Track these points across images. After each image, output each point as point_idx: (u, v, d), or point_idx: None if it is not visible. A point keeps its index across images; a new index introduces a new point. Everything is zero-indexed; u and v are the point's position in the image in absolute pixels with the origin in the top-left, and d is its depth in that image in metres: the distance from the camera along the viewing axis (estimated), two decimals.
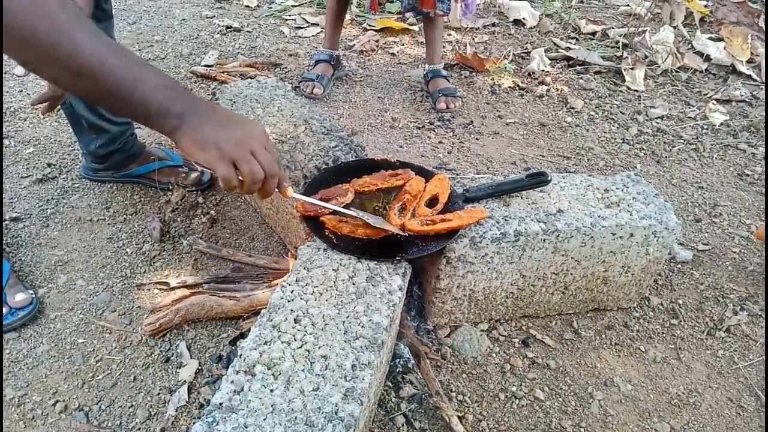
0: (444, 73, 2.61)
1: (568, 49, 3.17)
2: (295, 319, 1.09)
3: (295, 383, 0.97)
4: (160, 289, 1.56)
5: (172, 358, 1.40)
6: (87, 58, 0.83)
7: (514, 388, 1.39)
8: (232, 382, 0.97)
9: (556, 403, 1.37)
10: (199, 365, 1.38)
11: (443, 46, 2.97)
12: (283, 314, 1.09)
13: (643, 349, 1.52)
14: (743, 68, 3.04)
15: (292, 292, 1.15)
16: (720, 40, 3.25)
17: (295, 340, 1.05)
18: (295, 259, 1.25)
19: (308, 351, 1.03)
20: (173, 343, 1.43)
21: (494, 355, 1.46)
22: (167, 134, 0.97)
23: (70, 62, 0.82)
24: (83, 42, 0.83)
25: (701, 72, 3.05)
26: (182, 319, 1.43)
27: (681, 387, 1.44)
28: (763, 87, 2.92)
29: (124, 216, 1.78)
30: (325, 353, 1.03)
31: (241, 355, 1.02)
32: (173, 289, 1.53)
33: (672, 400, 1.40)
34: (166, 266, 1.63)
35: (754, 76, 3.00)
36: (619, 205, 1.48)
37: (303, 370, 1.00)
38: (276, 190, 1.09)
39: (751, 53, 3.14)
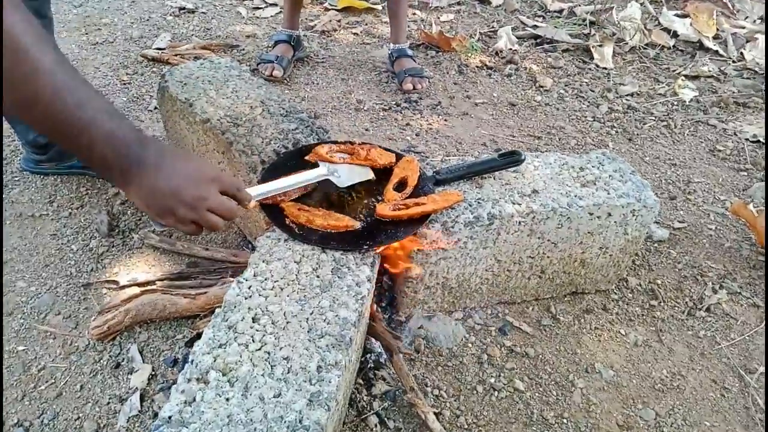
0: (410, 52, 2.51)
1: (535, 27, 3.10)
2: (253, 318, 0.99)
3: (254, 390, 0.88)
4: (108, 289, 1.44)
5: (122, 363, 1.28)
6: (43, 90, 0.77)
7: (492, 380, 1.31)
8: (182, 391, 0.87)
9: (536, 394, 1.30)
10: (153, 370, 1.27)
11: (408, 26, 2.87)
12: (240, 313, 0.99)
13: (624, 333, 1.46)
14: (710, 44, 3.01)
15: (249, 288, 1.04)
16: (686, 16, 3.22)
17: (253, 341, 0.95)
18: (253, 251, 1.15)
19: (268, 353, 0.93)
20: (124, 347, 1.31)
21: (470, 345, 1.39)
22: (116, 186, 0.93)
23: (25, 89, 0.76)
24: (43, 70, 0.77)
25: (669, 48, 3.01)
26: (133, 321, 1.32)
27: (664, 371, 1.38)
28: (731, 62, 2.90)
29: (69, 210, 1.65)
30: (287, 354, 0.93)
31: (192, 360, 0.92)
32: (123, 287, 1.41)
33: (655, 385, 1.35)
34: (115, 263, 1.51)
35: (721, 52, 2.97)
36: (595, 184, 1.41)
37: (262, 375, 0.90)
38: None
39: (717, 29, 3.12)
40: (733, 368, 1.40)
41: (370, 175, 1.30)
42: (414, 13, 3.16)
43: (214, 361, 0.92)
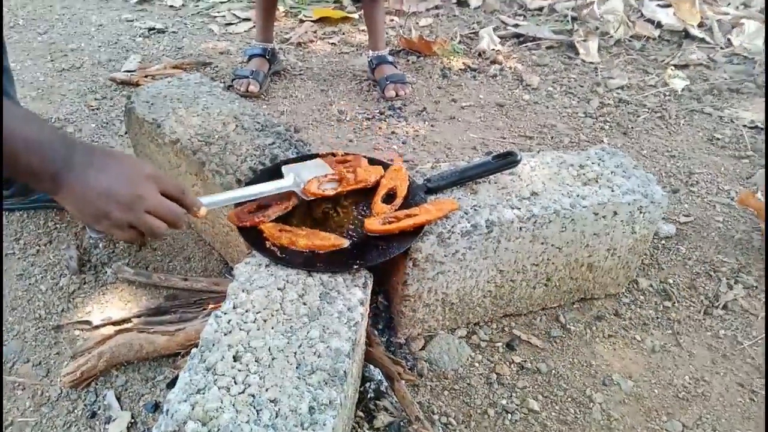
0: (390, 59, 2.42)
1: (516, 26, 3.03)
2: (234, 357, 0.88)
3: None
4: (81, 330, 1.32)
5: (98, 412, 1.17)
6: None
7: (504, 401, 1.20)
8: None
9: (553, 413, 1.19)
10: (132, 417, 1.15)
11: (386, 32, 2.79)
12: (219, 352, 0.88)
13: (639, 339, 1.36)
14: (696, 32, 2.96)
15: (229, 322, 0.93)
16: (668, 6, 3.16)
17: (235, 383, 0.84)
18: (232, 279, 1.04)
19: (253, 396, 0.82)
20: (100, 394, 1.19)
21: (477, 364, 1.28)
22: (49, 194, 0.89)
23: None
24: None
25: (654, 39, 2.95)
26: (108, 364, 1.20)
27: (686, 377, 1.28)
28: (719, 49, 2.84)
29: (37, 247, 1.53)
30: (274, 396, 0.82)
31: (167, 410, 0.81)
32: (97, 328, 1.30)
33: (679, 394, 1.25)
34: (88, 301, 1.39)
35: (708, 39, 2.91)
36: (597, 181, 1.32)
37: (247, 422, 0.79)
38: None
39: (701, 17, 3.06)
40: (759, 368, 1.31)
41: (327, 169, 1.21)
42: (392, 20, 3.08)
43: (192, 409, 0.80)
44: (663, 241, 1.65)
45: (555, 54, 2.80)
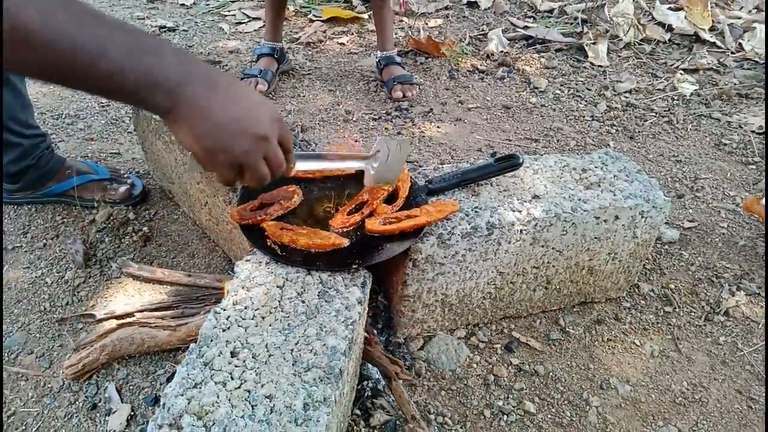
0: (398, 59, 2.43)
1: (526, 27, 3.03)
2: (231, 353, 0.89)
3: None
4: (85, 323, 1.34)
5: (99, 404, 1.18)
6: (29, 17, 0.62)
7: (500, 402, 1.21)
8: None
9: (549, 416, 1.20)
10: (132, 410, 1.17)
11: (395, 33, 2.80)
12: (217, 347, 0.89)
13: (639, 343, 1.36)
14: (707, 36, 2.93)
15: (227, 318, 0.95)
16: (680, 9, 3.14)
17: (231, 378, 0.85)
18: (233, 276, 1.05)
19: (248, 391, 0.83)
20: (101, 386, 1.21)
21: (475, 365, 1.29)
22: (158, 115, 0.76)
23: (10, 25, 0.61)
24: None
25: (665, 43, 2.93)
26: (110, 357, 1.22)
27: (684, 383, 1.28)
28: (730, 54, 2.82)
29: (44, 241, 1.55)
30: (269, 392, 0.83)
31: (164, 404, 0.82)
32: (100, 321, 1.32)
33: (676, 399, 1.25)
34: (92, 295, 1.41)
35: (719, 44, 2.89)
36: (600, 186, 1.32)
37: (242, 417, 0.80)
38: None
39: (713, 20, 3.04)
40: (759, 376, 1.30)
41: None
42: (401, 20, 3.08)
43: (189, 403, 0.82)
44: (666, 246, 1.64)
45: (564, 56, 2.79)
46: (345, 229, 1.12)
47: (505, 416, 1.19)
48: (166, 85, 0.73)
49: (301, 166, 1.00)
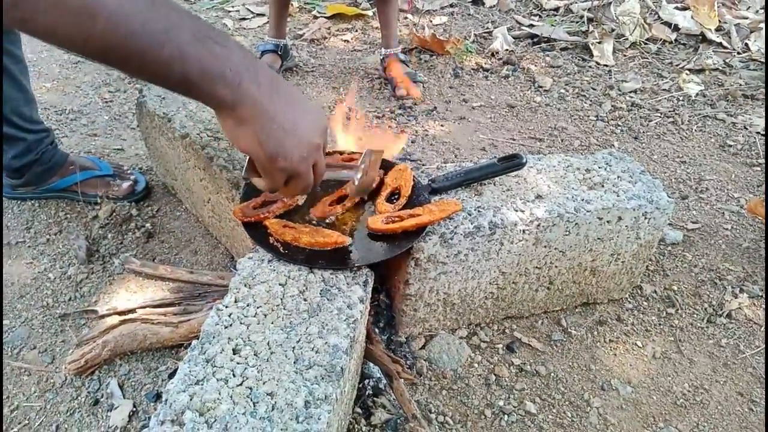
0: (402, 57, 2.42)
1: (531, 26, 3.02)
2: (233, 350, 0.89)
3: (234, 431, 0.78)
4: (87, 319, 1.34)
5: (101, 399, 1.19)
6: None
7: (501, 403, 1.21)
8: None
9: (550, 416, 1.20)
10: (134, 406, 1.17)
11: (400, 30, 2.79)
12: (219, 344, 0.90)
13: (641, 345, 1.36)
14: (713, 36, 2.92)
15: (230, 315, 0.95)
16: (686, 9, 3.13)
17: (233, 375, 0.85)
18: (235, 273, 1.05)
19: (250, 389, 0.83)
20: (103, 382, 1.22)
21: (476, 365, 1.29)
22: (215, 109, 0.75)
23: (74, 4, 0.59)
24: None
25: (671, 42, 2.92)
26: (112, 353, 1.23)
27: (685, 384, 1.28)
28: (736, 54, 2.81)
29: (47, 236, 1.56)
30: (271, 390, 0.83)
31: (166, 400, 0.82)
32: (102, 317, 1.32)
33: (677, 401, 1.25)
34: (94, 291, 1.42)
35: (725, 44, 2.88)
36: (603, 186, 1.32)
37: (244, 414, 0.80)
38: None
39: (719, 21, 3.03)
40: (760, 378, 1.30)
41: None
42: (405, 17, 3.08)
43: (190, 399, 0.82)
44: (669, 248, 1.64)
45: (569, 56, 2.78)
46: (324, 220, 1.12)
47: (506, 416, 1.19)
48: (230, 77, 0.71)
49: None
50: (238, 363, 0.87)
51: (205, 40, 0.69)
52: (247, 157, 0.84)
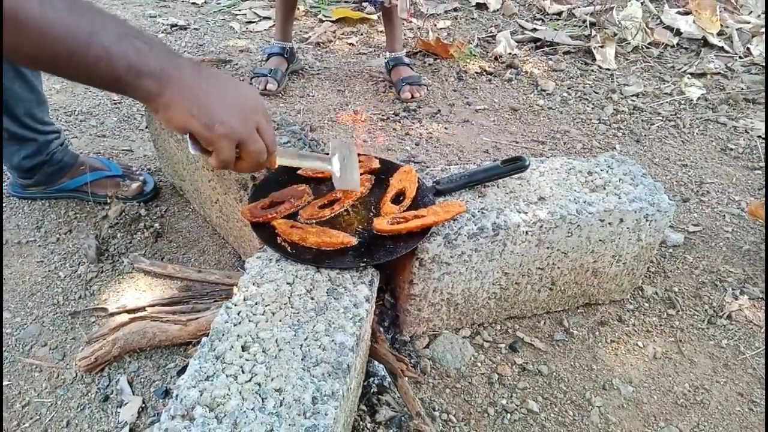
0: (407, 60, 2.45)
1: (534, 30, 3.04)
2: (242, 347, 0.91)
3: (244, 426, 0.80)
4: (97, 317, 1.37)
5: (111, 396, 1.21)
6: (26, 5, 0.65)
7: (504, 401, 1.23)
8: (165, 430, 0.80)
9: (552, 415, 1.22)
10: (143, 402, 1.20)
11: (404, 34, 2.82)
12: (228, 341, 0.92)
13: (642, 345, 1.38)
14: (715, 40, 2.94)
15: (239, 313, 0.97)
16: (688, 13, 3.15)
17: (242, 372, 0.87)
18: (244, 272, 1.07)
19: (259, 385, 0.86)
20: (113, 379, 1.24)
21: (479, 364, 1.31)
22: (142, 101, 0.80)
23: (6, 13, 0.65)
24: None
25: (672, 47, 2.94)
26: (122, 350, 1.25)
27: (686, 384, 1.30)
28: (738, 58, 2.82)
29: (57, 236, 1.58)
30: (279, 386, 0.86)
31: (177, 395, 0.85)
32: (112, 315, 1.34)
33: (678, 400, 1.26)
34: (104, 289, 1.44)
35: (727, 48, 2.90)
36: (605, 189, 1.34)
37: (253, 409, 0.82)
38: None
39: (721, 25, 3.05)
40: (760, 379, 1.32)
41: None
42: (409, 21, 3.10)
43: (201, 395, 0.84)
44: (671, 250, 1.66)
45: (572, 59, 2.81)
46: (313, 221, 1.14)
47: (509, 415, 1.21)
48: (154, 69, 0.77)
49: (282, 158, 1.04)
50: (246, 360, 0.89)
51: (127, 38, 0.74)
52: (187, 135, 0.86)
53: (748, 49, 2.89)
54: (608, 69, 2.72)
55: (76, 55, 0.71)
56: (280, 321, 0.96)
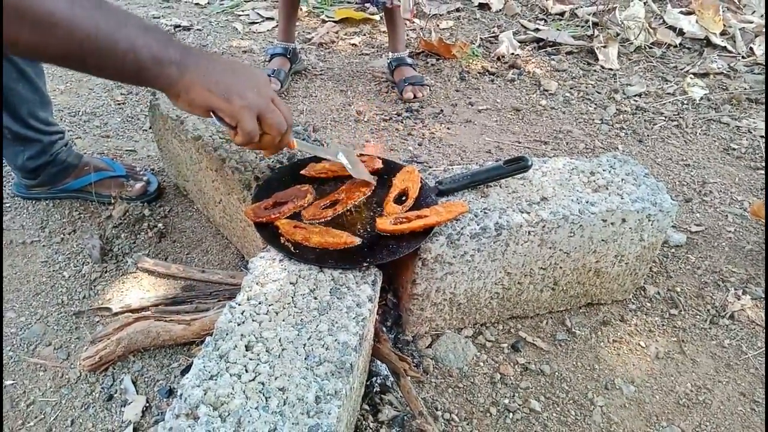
0: (409, 61, 2.45)
1: (537, 30, 3.04)
2: (246, 346, 0.92)
3: (248, 425, 0.81)
4: (101, 316, 1.38)
5: (115, 395, 1.22)
6: (57, 5, 0.70)
7: (506, 401, 1.23)
8: (170, 429, 0.80)
9: (554, 414, 1.22)
10: (147, 402, 1.20)
11: (407, 34, 2.82)
12: (232, 341, 0.92)
13: (644, 345, 1.38)
14: (717, 40, 2.94)
15: (242, 313, 0.98)
16: (691, 13, 3.15)
17: (246, 371, 0.88)
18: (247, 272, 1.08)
19: (262, 384, 0.86)
20: (117, 378, 1.25)
21: (482, 364, 1.31)
22: (164, 88, 0.87)
23: (38, 13, 0.69)
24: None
25: (675, 47, 2.94)
26: (126, 350, 1.25)
27: (688, 384, 1.30)
28: (741, 58, 2.82)
29: (61, 236, 1.59)
30: (282, 385, 0.86)
31: (181, 394, 0.85)
32: (116, 314, 1.35)
33: (680, 400, 1.27)
34: (108, 289, 1.45)
35: (729, 48, 2.90)
36: (607, 189, 1.34)
37: (256, 408, 0.83)
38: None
39: (724, 25, 3.05)
40: (762, 379, 1.32)
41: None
42: (413, 22, 3.11)
43: (205, 394, 0.85)
44: (673, 250, 1.66)
45: (574, 59, 2.81)
46: (316, 221, 1.15)
47: (511, 414, 1.21)
48: (174, 58, 0.84)
49: (300, 145, 1.12)
50: (250, 359, 0.90)
51: (149, 31, 0.82)
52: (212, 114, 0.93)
53: (751, 49, 2.88)
54: (611, 69, 2.72)
55: (105, 50, 0.76)
56: (284, 320, 0.97)
